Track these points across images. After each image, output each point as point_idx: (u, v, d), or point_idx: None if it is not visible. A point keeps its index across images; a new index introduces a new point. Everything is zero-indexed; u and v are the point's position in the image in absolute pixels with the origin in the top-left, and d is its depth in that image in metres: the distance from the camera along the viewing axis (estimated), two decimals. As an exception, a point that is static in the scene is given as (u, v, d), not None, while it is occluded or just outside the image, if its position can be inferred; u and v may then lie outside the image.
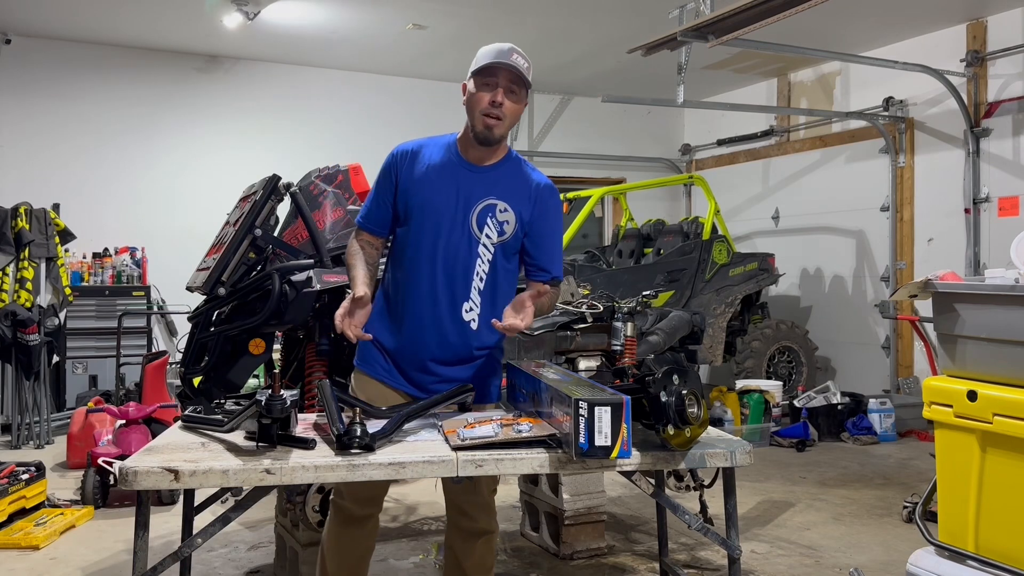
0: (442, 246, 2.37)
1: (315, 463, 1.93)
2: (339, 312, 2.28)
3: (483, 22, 6.84)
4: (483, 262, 2.40)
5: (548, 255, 2.48)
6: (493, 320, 2.28)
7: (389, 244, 2.52)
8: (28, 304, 6.04)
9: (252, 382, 4.40)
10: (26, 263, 6.15)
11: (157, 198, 7.56)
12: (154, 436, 3.62)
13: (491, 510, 2.53)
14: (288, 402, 2.04)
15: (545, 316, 3.85)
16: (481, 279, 2.40)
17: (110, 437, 4.83)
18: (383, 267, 2.54)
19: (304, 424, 2.31)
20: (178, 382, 3.43)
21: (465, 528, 2.50)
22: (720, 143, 9.37)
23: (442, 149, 2.43)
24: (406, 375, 2.45)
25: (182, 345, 3.79)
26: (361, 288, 2.31)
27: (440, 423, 2.21)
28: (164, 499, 4.44)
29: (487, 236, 2.39)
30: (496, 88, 2.30)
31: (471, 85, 2.35)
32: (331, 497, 2.53)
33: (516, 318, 2.25)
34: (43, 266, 6.29)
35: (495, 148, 2.40)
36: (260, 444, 2.02)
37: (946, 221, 6.87)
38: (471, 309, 2.41)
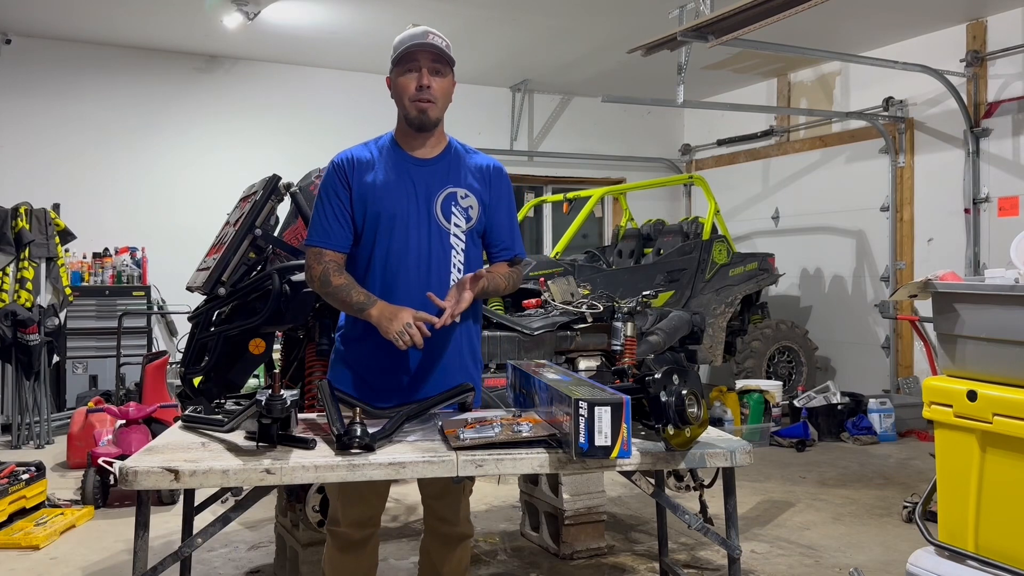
0: (414, 246, 2.32)
1: (315, 463, 1.93)
2: (409, 318, 2.19)
3: (483, 22, 6.83)
4: (457, 252, 2.37)
5: (508, 234, 2.48)
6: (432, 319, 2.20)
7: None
8: (28, 304, 6.04)
9: (252, 382, 4.40)
10: (26, 263, 6.15)
11: (157, 198, 7.56)
12: (154, 436, 3.63)
13: (468, 515, 2.53)
14: (288, 402, 2.04)
15: (545, 316, 3.86)
16: (459, 270, 2.37)
17: (110, 437, 4.84)
18: None
19: (304, 424, 2.31)
20: (178, 382, 3.42)
21: (445, 534, 2.49)
22: (720, 143, 9.37)
23: (383, 149, 2.40)
24: (382, 393, 2.37)
25: (182, 345, 3.79)
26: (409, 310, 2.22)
27: (440, 423, 2.21)
28: (164, 499, 4.44)
29: (456, 225, 2.36)
30: (420, 71, 2.31)
31: (394, 76, 2.35)
32: (325, 525, 2.47)
33: (452, 305, 2.22)
34: (43, 266, 6.29)
35: (435, 136, 2.39)
36: (260, 444, 2.02)
37: (946, 221, 6.87)
38: None
